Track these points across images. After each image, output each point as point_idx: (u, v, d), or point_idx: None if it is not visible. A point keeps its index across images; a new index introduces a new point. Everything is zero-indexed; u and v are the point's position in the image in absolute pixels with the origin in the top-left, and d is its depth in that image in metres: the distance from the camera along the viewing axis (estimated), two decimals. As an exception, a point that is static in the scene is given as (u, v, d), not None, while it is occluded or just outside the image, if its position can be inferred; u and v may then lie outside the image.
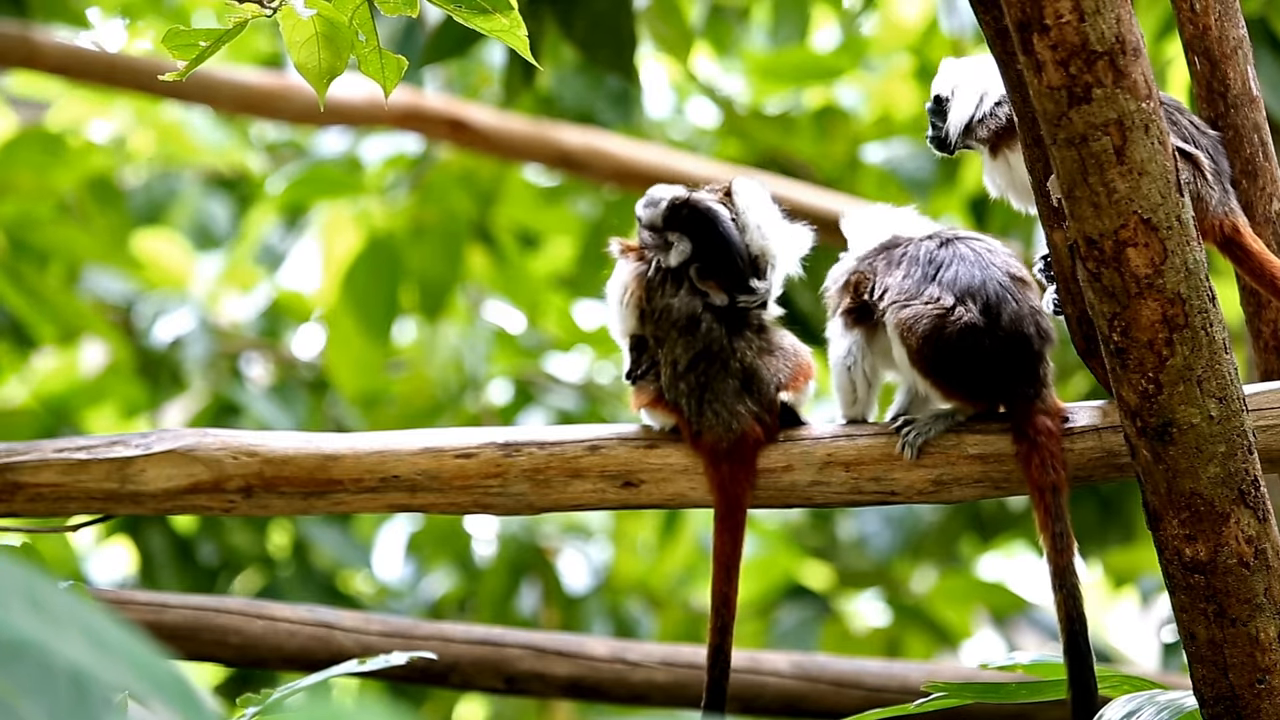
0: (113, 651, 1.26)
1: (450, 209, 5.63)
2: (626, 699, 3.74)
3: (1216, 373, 2.40)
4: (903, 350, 2.71)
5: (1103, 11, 2.25)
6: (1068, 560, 2.63)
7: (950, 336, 2.67)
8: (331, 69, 2.63)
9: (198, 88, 5.14)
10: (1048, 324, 2.73)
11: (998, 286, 2.71)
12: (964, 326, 2.67)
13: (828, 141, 5.58)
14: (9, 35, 4.95)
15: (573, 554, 6.23)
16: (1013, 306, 2.70)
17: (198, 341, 5.72)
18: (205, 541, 5.64)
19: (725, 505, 2.79)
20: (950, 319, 2.68)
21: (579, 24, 4.44)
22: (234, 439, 2.90)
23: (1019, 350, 2.69)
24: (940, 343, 2.67)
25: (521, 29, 2.58)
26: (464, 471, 2.85)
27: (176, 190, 5.94)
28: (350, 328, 5.58)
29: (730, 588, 2.80)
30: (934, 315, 2.68)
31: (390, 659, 2.65)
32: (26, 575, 1.28)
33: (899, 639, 5.78)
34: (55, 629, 1.24)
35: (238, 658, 3.52)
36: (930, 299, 2.69)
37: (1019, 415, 2.68)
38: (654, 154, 5.29)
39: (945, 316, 2.68)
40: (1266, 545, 2.47)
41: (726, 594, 2.81)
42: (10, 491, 2.89)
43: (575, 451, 2.83)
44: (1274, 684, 2.49)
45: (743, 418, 2.77)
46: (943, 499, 2.78)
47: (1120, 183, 2.31)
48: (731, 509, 2.78)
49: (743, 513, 2.79)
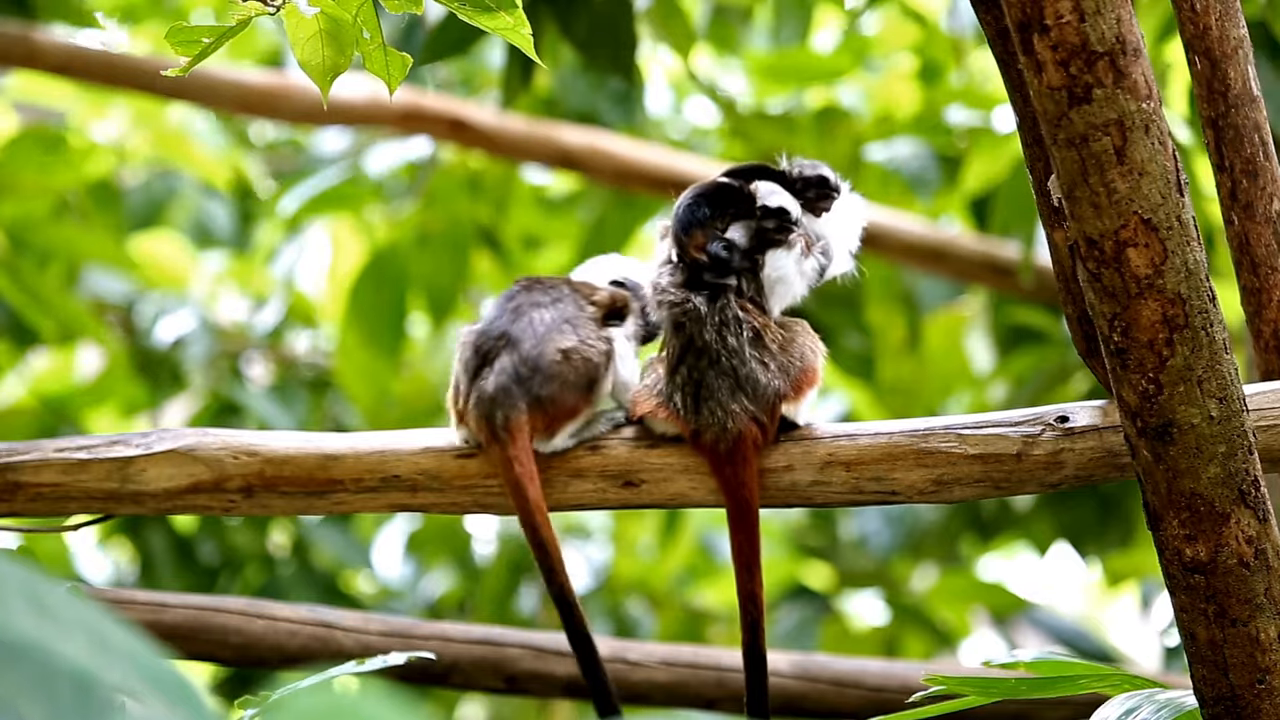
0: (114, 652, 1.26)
1: (456, 215, 5.63)
2: (626, 699, 3.73)
3: (1217, 373, 2.40)
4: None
5: (1103, 12, 2.25)
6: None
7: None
8: (335, 66, 2.63)
9: (198, 86, 5.14)
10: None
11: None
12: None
13: (829, 141, 5.58)
14: (10, 35, 4.95)
15: (572, 554, 6.23)
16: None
17: (198, 341, 5.73)
18: (205, 541, 5.64)
19: (736, 508, 2.78)
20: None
21: (579, 24, 4.44)
22: (234, 439, 2.90)
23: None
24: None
25: (525, 27, 2.58)
26: (465, 471, 2.85)
27: (176, 190, 5.94)
28: (356, 341, 5.58)
29: (754, 584, 2.79)
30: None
31: (390, 659, 2.65)
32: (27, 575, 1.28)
33: (898, 638, 5.78)
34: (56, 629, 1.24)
35: (238, 658, 3.52)
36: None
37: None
38: (656, 154, 5.29)
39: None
40: (1267, 545, 2.47)
41: (751, 590, 2.79)
42: (10, 491, 2.89)
43: (575, 451, 2.84)
44: (1274, 684, 2.49)
45: (738, 417, 2.76)
46: (943, 499, 2.78)
47: (1120, 183, 2.31)
48: (743, 511, 2.78)
49: (754, 514, 2.78)
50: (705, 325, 2.78)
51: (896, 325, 5.77)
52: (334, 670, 2.56)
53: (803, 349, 2.83)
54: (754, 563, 2.79)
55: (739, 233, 2.84)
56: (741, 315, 2.80)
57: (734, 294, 2.81)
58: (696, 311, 2.79)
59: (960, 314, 6.00)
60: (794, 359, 2.81)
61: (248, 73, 5.36)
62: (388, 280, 5.57)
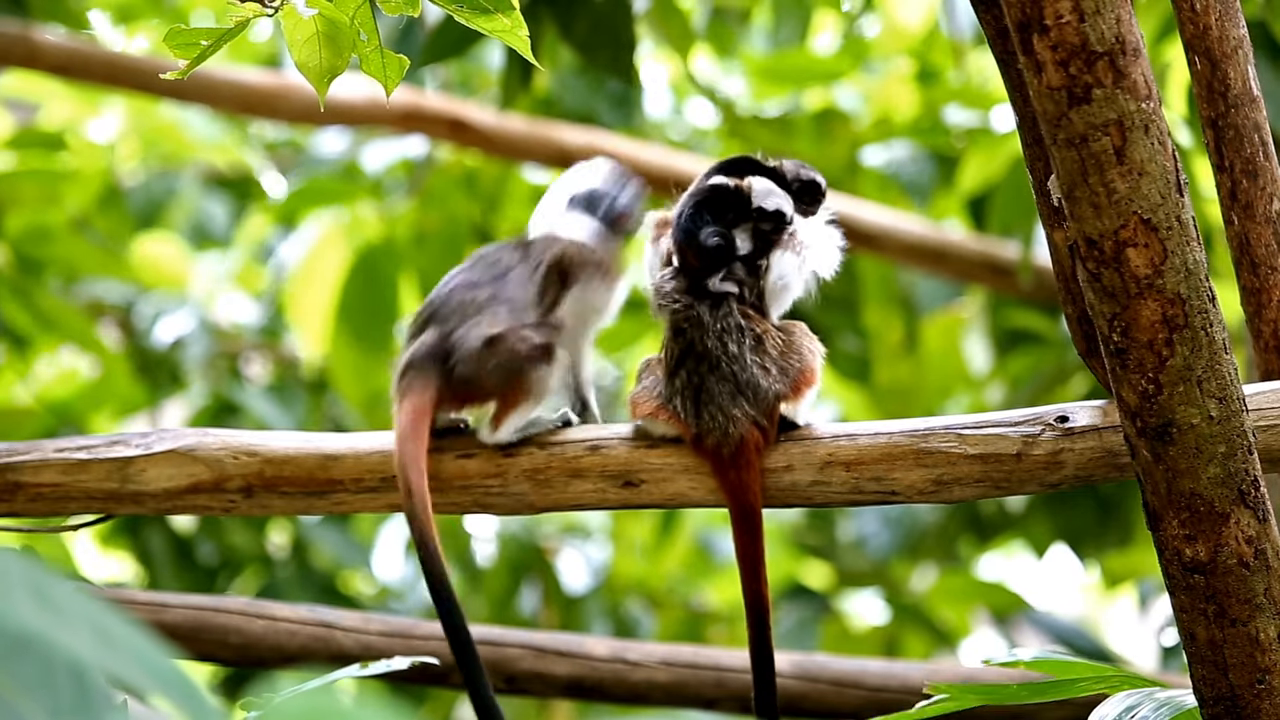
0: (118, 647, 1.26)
1: (452, 213, 5.63)
2: (626, 699, 3.74)
3: (1216, 373, 2.41)
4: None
5: (1103, 12, 2.25)
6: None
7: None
8: (332, 68, 2.63)
9: (198, 87, 5.14)
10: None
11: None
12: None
13: (827, 143, 5.58)
14: (9, 35, 4.95)
15: (572, 554, 6.23)
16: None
17: (197, 341, 5.73)
18: (204, 541, 5.64)
19: (740, 511, 2.78)
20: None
21: (578, 25, 4.44)
22: (234, 439, 2.90)
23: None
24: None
25: (523, 29, 2.58)
26: (464, 471, 2.85)
27: (175, 190, 5.94)
28: (347, 338, 5.58)
29: (759, 583, 2.80)
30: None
31: (392, 663, 2.65)
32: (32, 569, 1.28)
33: (898, 639, 5.78)
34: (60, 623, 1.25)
35: (238, 658, 3.52)
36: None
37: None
38: (655, 154, 5.29)
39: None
40: (1266, 545, 2.47)
41: (757, 590, 2.80)
42: (10, 491, 2.89)
43: (576, 451, 2.83)
44: (1274, 684, 2.50)
45: (740, 422, 2.76)
46: (943, 499, 2.78)
47: (1120, 183, 2.31)
48: (746, 513, 2.78)
49: (758, 516, 2.78)
50: (707, 332, 2.79)
51: (894, 327, 5.77)
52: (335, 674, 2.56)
53: (801, 349, 2.84)
54: (759, 563, 2.79)
55: (741, 239, 2.85)
56: (743, 323, 2.80)
57: (736, 300, 2.82)
58: (698, 318, 2.80)
59: (958, 315, 6.00)
60: (793, 360, 2.82)
61: (247, 73, 5.36)
62: (377, 282, 5.57)
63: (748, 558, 2.79)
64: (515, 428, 2.83)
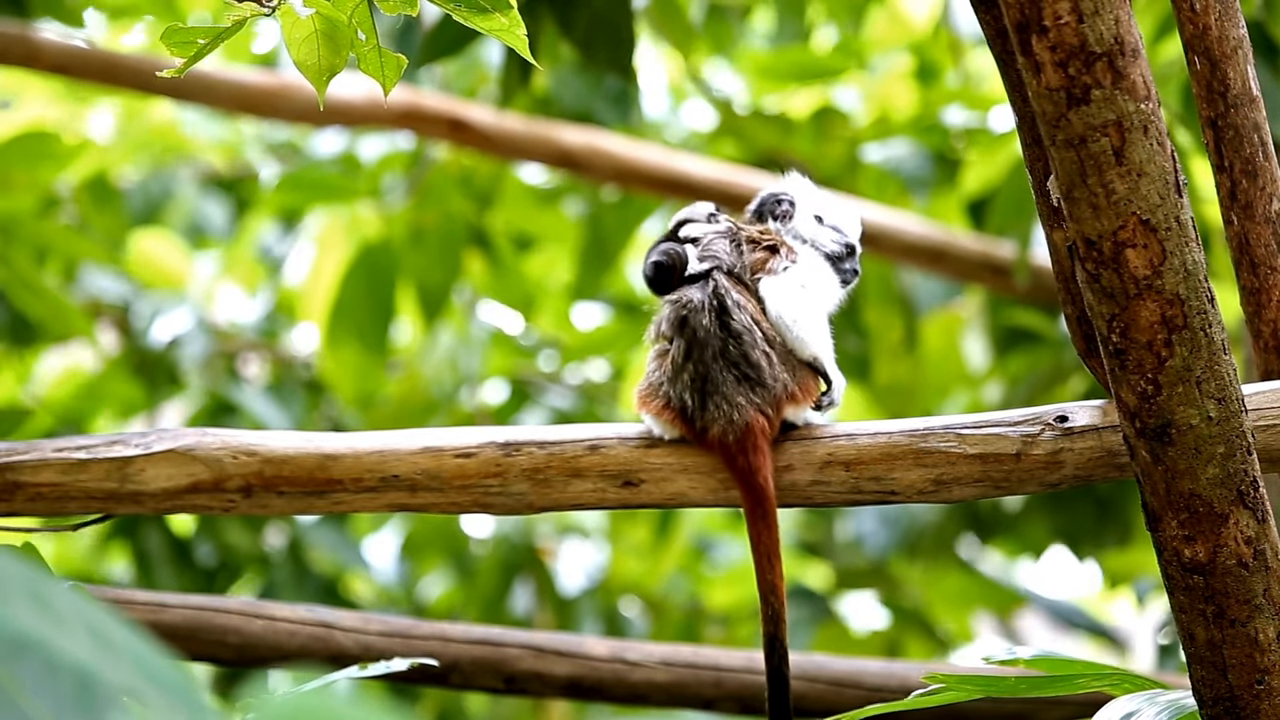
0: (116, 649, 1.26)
1: (449, 212, 5.62)
2: (626, 699, 3.74)
3: (1215, 374, 2.41)
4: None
5: (1101, 13, 2.25)
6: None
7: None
8: (331, 67, 2.63)
9: (196, 86, 5.14)
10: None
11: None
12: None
13: (826, 142, 5.58)
14: (8, 34, 4.95)
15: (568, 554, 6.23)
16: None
17: (195, 341, 5.73)
18: (203, 541, 5.64)
19: (752, 498, 2.76)
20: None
21: (578, 23, 4.44)
22: (234, 438, 2.90)
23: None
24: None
25: (520, 28, 2.58)
26: (464, 471, 2.85)
27: (173, 190, 5.94)
28: (345, 337, 5.58)
29: (775, 575, 2.77)
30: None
31: (392, 665, 2.65)
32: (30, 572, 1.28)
33: (897, 639, 5.78)
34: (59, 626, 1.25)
35: (237, 658, 3.51)
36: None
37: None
38: (655, 154, 5.29)
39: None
40: (1266, 546, 2.47)
41: (772, 581, 2.77)
42: (10, 491, 2.89)
43: (575, 451, 2.83)
44: (1273, 684, 2.50)
45: (745, 409, 2.76)
46: (942, 499, 2.78)
47: (1119, 184, 2.31)
48: (758, 499, 2.76)
49: (771, 502, 2.75)
50: (703, 312, 2.79)
51: (893, 326, 5.77)
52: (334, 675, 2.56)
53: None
54: (774, 553, 2.76)
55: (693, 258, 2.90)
56: (739, 298, 2.80)
57: (719, 272, 2.83)
58: (694, 303, 2.80)
59: (957, 315, 6.00)
60: (798, 364, 2.82)
61: (246, 72, 5.36)
62: (375, 279, 5.56)
63: (763, 547, 2.76)
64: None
